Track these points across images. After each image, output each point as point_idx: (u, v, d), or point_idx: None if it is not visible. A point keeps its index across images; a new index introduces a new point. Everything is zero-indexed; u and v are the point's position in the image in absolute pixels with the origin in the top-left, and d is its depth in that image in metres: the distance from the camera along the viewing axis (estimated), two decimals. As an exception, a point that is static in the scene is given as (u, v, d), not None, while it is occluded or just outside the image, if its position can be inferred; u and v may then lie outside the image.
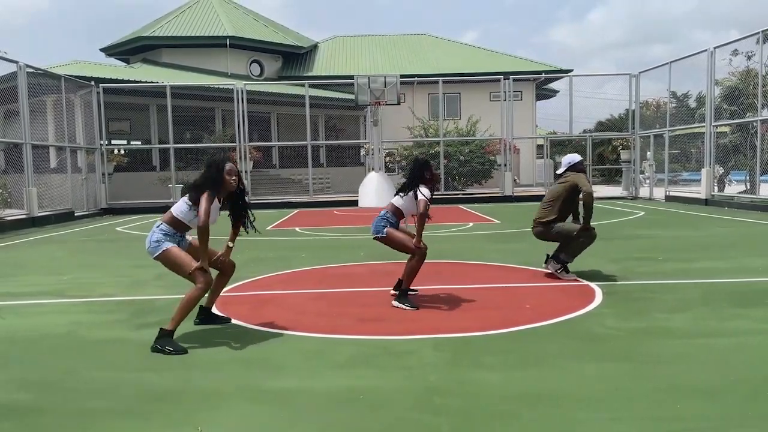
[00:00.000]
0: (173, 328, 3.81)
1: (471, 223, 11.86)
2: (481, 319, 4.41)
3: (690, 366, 3.32)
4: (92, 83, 17.89)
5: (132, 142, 24.35)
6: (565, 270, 5.82)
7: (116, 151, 20.68)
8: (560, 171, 5.98)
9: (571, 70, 26.57)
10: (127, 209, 17.31)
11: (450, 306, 4.84)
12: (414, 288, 5.06)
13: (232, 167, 4.01)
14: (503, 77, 19.42)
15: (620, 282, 5.65)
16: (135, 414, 2.85)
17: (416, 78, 23.42)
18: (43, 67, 16.07)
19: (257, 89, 22.62)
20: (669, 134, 17.54)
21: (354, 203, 17.90)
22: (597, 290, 5.25)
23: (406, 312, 4.64)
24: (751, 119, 14.58)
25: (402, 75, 19.24)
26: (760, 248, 7.78)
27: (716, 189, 15.74)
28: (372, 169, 18.87)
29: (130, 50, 27.36)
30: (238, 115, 18.75)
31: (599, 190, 20.65)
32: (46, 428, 2.74)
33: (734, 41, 15.10)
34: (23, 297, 5.66)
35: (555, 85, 31.23)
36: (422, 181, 4.92)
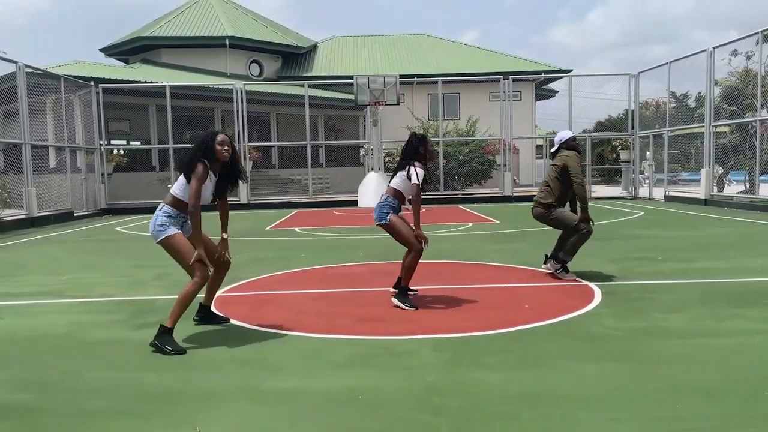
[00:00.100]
0: (172, 325, 3.81)
1: (470, 223, 11.86)
2: (481, 319, 4.41)
3: (689, 366, 3.33)
4: (92, 83, 17.89)
5: (131, 143, 24.35)
6: (565, 270, 5.83)
7: (116, 152, 20.68)
8: (554, 149, 5.99)
9: (571, 70, 26.61)
10: (127, 209, 17.32)
11: (450, 306, 4.84)
12: (413, 288, 5.06)
13: (225, 138, 3.97)
14: (503, 77, 19.42)
15: (619, 282, 5.65)
16: (135, 414, 2.85)
17: (416, 78, 23.42)
18: (43, 67, 16.07)
19: (256, 89, 22.63)
20: (668, 134, 17.55)
21: (353, 203, 17.90)
22: (596, 290, 5.26)
23: (406, 312, 4.64)
24: (751, 119, 14.60)
25: (401, 75, 19.23)
26: (759, 248, 7.78)
27: (715, 189, 15.75)
28: (371, 170, 18.87)
29: (130, 50, 27.38)
30: (238, 116, 18.75)
31: (598, 191, 20.71)
32: (46, 428, 2.74)
33: (733, 41, 15.11)
34: (23, 297, 5.66)
35: (554, 85, 31.25)
36: (417, 158, 4.81)
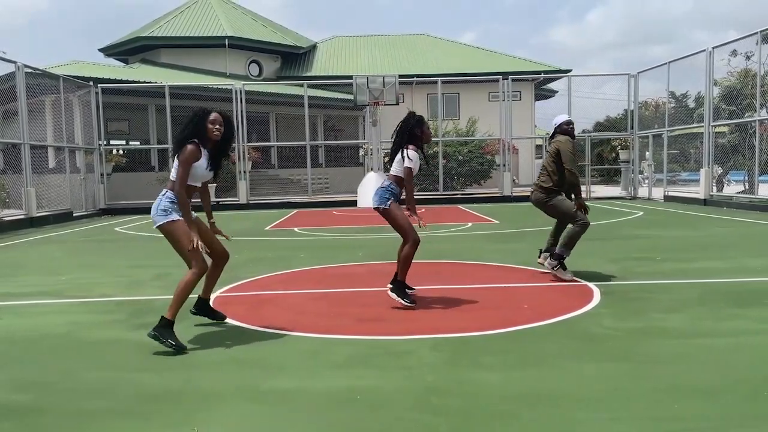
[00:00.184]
0: (172, 317, 3.81)
1: (470, 223, 11.86)
2: (480, 319, 4.41)
3: (689, 366, 3.33)
4: (91, 83, 17.88)
5: (131, 143, 24.36)
6: (562, 267, 5.73)
7: (115, 152, 20.68)
8: (551, 134, 6.04)
9: (570, 71, 26.62)
10: (126, 209, 17.30)
11: (449, 306, 4.84)
12: (412, 287, 5.06)
13: (217, 116, 3.88)
14: (502, 77, 19.41)
15: (619, 282, 5.65)
16: (134, 414, 2.85)
17: (415, 78, 23.43)
18: (42, 67, 16.06)
19: (256, 89, 22.63)
20: (668, 134, 17.55)
21: (353, 203, 17.90)
22: (595, 290, 5.26)
23: (405, 312, 4.63)
24: (750, 119, 14.60)
25: (401, 75, 19.23)
26: (759, 248, 7.79)
27: (715, 189, 15.76)
28: (371, 170, 18.86)
29: (129, 50, 27.37)
30: (237, 116, 18.75)
31: (598, 191, 20.72)
32: (45, 428, 2.74)
33: (733, 41, 15.11)
34: (22, 297, 5.66)
35: (554, 86, 31.25)
36: (412, 140, 4.70)
